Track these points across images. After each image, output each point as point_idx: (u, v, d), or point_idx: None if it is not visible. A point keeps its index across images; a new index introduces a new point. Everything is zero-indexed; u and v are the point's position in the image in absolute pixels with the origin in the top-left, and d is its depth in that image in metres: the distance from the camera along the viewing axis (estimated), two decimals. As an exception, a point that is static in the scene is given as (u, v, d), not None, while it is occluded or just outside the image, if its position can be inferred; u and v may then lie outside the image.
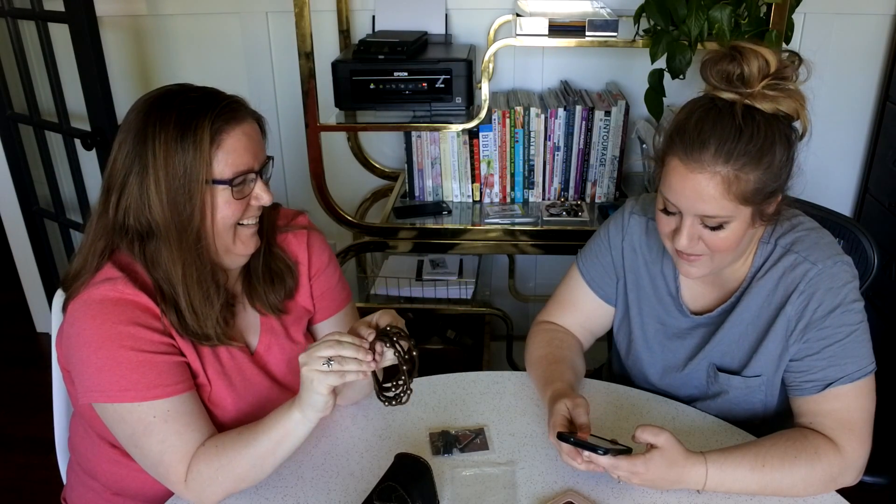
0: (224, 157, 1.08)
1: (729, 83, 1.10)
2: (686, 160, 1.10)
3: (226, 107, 1.09)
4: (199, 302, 1.12)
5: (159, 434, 1.08)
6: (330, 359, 1.00)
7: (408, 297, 2.31)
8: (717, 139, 1.08)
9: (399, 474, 1.05)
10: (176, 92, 1.10)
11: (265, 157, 1.15)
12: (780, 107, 1.09)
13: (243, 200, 1.12)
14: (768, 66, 1.09)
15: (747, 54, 1.08)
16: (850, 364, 1.15)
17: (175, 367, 1.11)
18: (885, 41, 2.33)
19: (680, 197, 1.13)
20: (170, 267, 1.10)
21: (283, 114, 2.59)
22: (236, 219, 1.12)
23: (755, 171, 1.09)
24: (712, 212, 1.11)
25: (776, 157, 1.10)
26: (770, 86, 1.09)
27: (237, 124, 1.09)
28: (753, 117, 1.09)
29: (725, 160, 1.08)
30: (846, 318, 1.16)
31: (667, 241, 1.21)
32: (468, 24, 2.36)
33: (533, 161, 2.22)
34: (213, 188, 1.09)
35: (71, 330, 1.10)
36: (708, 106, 1.11)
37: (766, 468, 1.11)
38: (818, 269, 1.18)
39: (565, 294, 1.44)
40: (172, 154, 1.06)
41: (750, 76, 1.08)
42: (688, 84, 2.33)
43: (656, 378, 1.37)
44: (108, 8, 2.40)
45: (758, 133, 1.08)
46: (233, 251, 1.15)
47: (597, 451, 1.08)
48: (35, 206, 2.63)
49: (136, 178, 1.07)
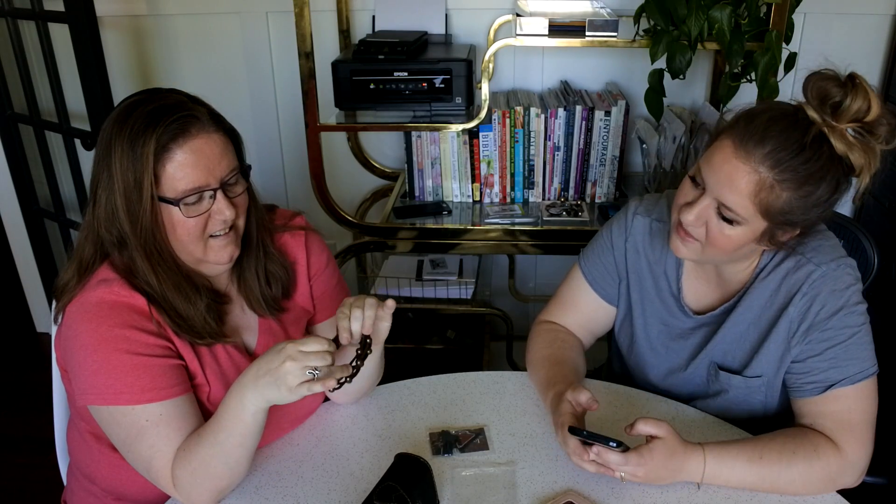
0: (171, 174, 1.05)
1: (821, 104, 1.07)
2: (738, 146, 1.09)
3: (176, 121, 1.04)
4: (181, 305, 1.12)
5: (150, 438, 1.08)
6: (316, 368, 0.99)
7: (408, 297, 2.31)
8: (777, 143, 1.07)
9: (399, 474, 1.05)
10: (138, 102, 1.07)
11: (231, 170, 1.10)
12: (851, 154, 1.07)
13: (201, 216, 1.09)
14: (867, 113, 1.06)
15: (858, 90, 1.05)
16: (852, 366, 1.15)
17: (170, 371, 1.10)
18: (885, 41, 2.33)
19: (713, 174, 1.12)
20: (146, 273, 1.09)
21: (283, 114, 2.59)
22: (199, 233, 1.09)
23: (791, 192, 1.08)
24: (732, 204, 1.10)
25: (817, 192, 1.09)
26: (855, 130, 1.07)
27: (185, 141, 1.05)
28: (821, 146, 1.07)
29: (772, 166, 1.07)
30: (849, 319, 1.16)
31: (675, 209, 1.20)
32: (468, 24, 2.36)
33: (533, 161, 2.22)
34: (164, 205, 1.07)
35: (68, 332, 1.10)
36: (789, 112, 1.10)
37: (763, 461, 1.11)
38: (822, 272, 1.18)
39: (567, 294, 1.44)
40: (126, 166, 1.04)
41: (844, 110, 1.06)
42: (688, 84, 2.34)
43: (658, 378, 1.37)
44: (108, 8, 2.40)
45: (815, 161, 1.07)
46: (206, 261, 1.13)
47: (608, 443, 1.08)
48: (35, 206, 2.63)
49: (104, 189, 1.07)
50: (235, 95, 2.54)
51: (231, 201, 1.10)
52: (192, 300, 1.13)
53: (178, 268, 1.12)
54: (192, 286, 1.13)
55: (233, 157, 1.11)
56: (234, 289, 1.23)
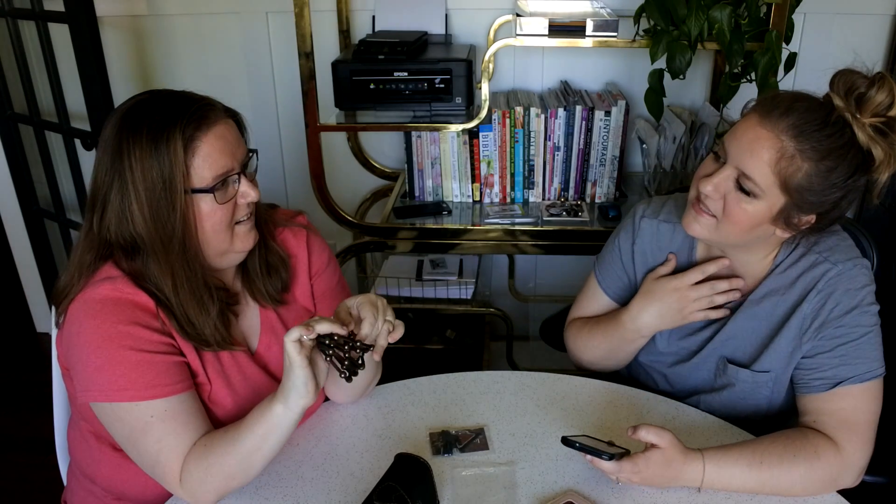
0: (201, 163, 1.07)
1: (847, 94, 1.09)
2: (763, 116, 1.11)
3: (196, 112, 1.07)
4: (194, 312, 1.12)
5: (156, 434, 1.08)
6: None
7: (408, 297, 2.31)
8: (800, 116, 1.09)
9: (399, 474, 1.05)
10: (146, 101, 1.08)
11: (246, 154, 1.14)
12: (874, 148, 1.08)
13: (230, 202, 1.11)
14: (890, 108, 1.08)
15: (884, 84, 1.08)
16: (861, 365, 1.16)
17: (174, 367, 1.11)
18: (885, 41, 2.33)
19: (736, 141, 1.13)
20: (160, 279, 1.09)
21: (283, 114, 2.59)
22: (228, 221, 1.12)
23: (812, 164, 1.09)
24: (752, 172, 1.11)
25: (835, 172, 1.10)
26: (877, 124, 1.08)
27: (209, 128, 1.07)
28: (843, 129, 1.09)
29: (795, 135, 1.08)
30: (862, 319, 1.17)
31: (695, 183, 1.21)
32: (468, 24, 2.36)
33: (533, 161, 2.22)
34: (195, 197, 1.08)
35: (71, 329, 1.10)
36: (815, 98, 1.12)
37: (763, 465, 1.11)
38: (838, 270, 1.18)
39: (584, 301, 1.46)
40: (149, 167, 1.04)
41: (867, 101, 1.08)
42: (688, 84, 2.34)
43: (665, 370, 1.38)
44: (108, 8, 2.40)
45: (837, 137, 1.08)
46: (231, 251, 1.15)
47: (601, 456, 1.08)
48: (35, 206, 2.63)
49: (117, 195, 1.07)
50: (235, 95, 2.54)
51: (252, 181, 1.14)
52: (205, 306, 1.13)
53: (198, 268, 1.12)
54: (207, 290, 1.14)
55: (244, 141, 1.15)
56: (239, 282, 1.24)
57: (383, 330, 1.07)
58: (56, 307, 1.15)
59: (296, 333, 1.00)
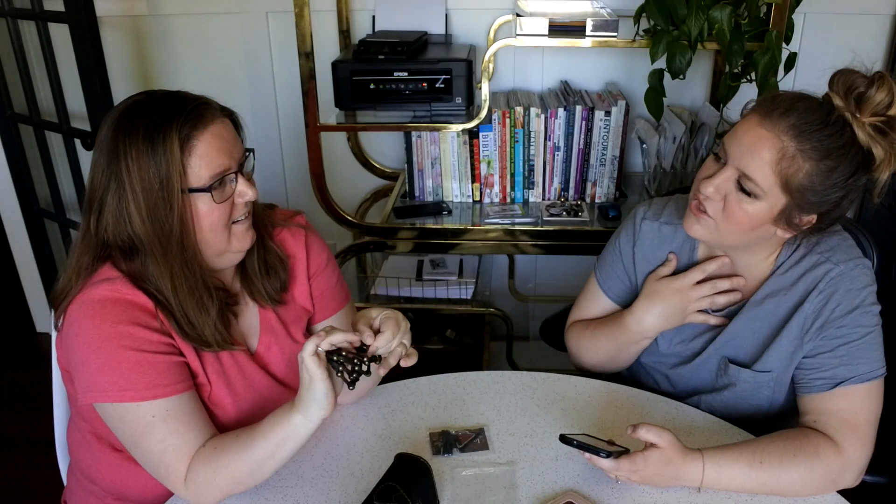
0: (198, 162, 1.06)
1: (846, 94, 1.09)
2: (763, 117, 1.11)
3: (192, 111, 1.06)
4: (193, 312, 1.12)
5: (159, 433, 1.08)
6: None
7: (408, 297, 2.31)
8: (800, 116, 1.09)
9: (399, 474, 1.05)
10: (141, 102, 1.08)
11: (243, 153, 1.14)
12: (874, 148, 1.09)
13: (227, 202, 1.11)
14: (889, 107, 1.08)
15: (883, 83, 1.08)
16: (863, 365, 1.16)
17: (174, 367, 1.11)
18: (884, 41, 2.33)
19: (736, 142, 1.13)
20: (158, 280, 1.09)
21: (283, 114, 2.59)
22: (225, 220, 1.11)
23: (812, 164, 1.09)
24: (753, 173, 1.11)
25: (836, 171, 1.10)
26: (877, 123, 1.08)
27: (205, 127, 1.07)
28: (843, 129, 1.09)
29: (795, 134, 1.08)
30: (863, 319, 1.17)
31: (695, 185, 1.21)
32: (468, 24, 2.36)
33: (533, 161, 2.22)
34: (193, 196, 1.08)
35: (70, 330, 1.10)
36: (815, 98, 1.12)
37: (763, 465, 1.11)
38: (840, 270, 1.18)
39: (584, 303, 1.46)
40: (145, 167, 1.04)
41: (867, 101, 1.08)
42: (688, 84, 2.34)
43: (667, 371, 1.38)
44: (108, 8, 2.40)
45: (837, 137, 1.09)
46: (229, 251, 1.15)
47: (599, 453, 1.08)
48: (35, 206, 2.63)
49: (114, 196, 1.06)
50: (235, 95, 2.54)
51: (249, 180, 1.14)
52: (205, 306, 1.13)
53: (197, 268, 1.12)
54: (206, 290, 1.13)
55: (241, 140, 1.15)
56: (238, 282, 1.24)
57: (396, 350, 1.08)
58: (55, 309, 1.14)
59: (311, 346, 1.00)
